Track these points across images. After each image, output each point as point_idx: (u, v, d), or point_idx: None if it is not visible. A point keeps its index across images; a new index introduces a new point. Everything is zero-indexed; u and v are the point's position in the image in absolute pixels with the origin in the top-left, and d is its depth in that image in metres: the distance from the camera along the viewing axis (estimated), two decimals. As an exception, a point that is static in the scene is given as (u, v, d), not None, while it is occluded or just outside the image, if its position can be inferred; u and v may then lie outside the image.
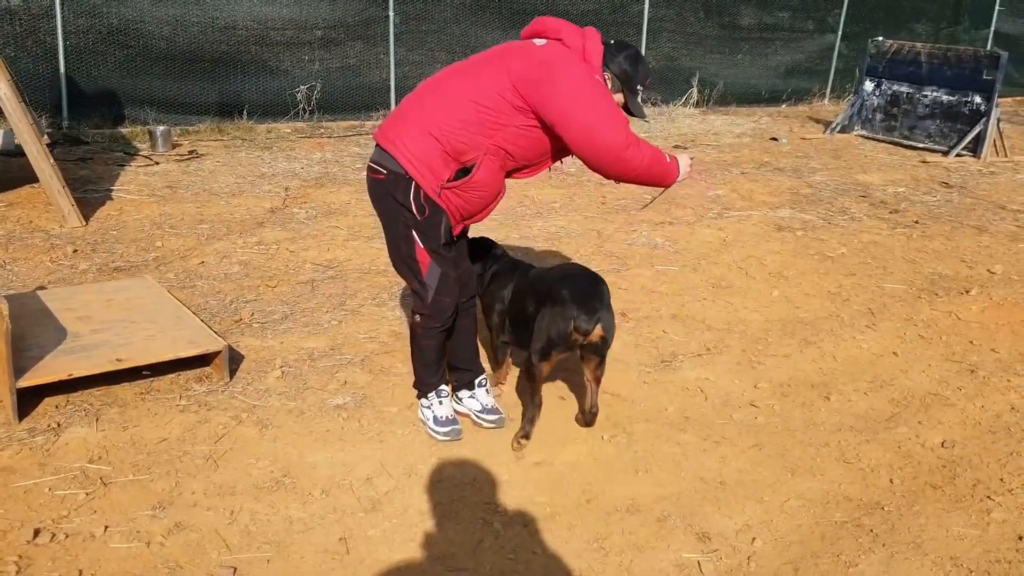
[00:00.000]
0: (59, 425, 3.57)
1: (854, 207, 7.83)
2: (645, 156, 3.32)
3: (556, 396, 4.04)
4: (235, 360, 4.21)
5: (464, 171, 3.34)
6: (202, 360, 4.09)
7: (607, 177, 3.41)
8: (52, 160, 6.03)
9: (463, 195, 3.38)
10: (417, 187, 3.33)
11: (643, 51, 12.18)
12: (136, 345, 3.95)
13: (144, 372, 3.99)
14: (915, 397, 4.29)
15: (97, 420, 3.63)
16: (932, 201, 8.21)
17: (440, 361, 3.77)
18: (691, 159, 3.57)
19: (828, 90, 14.04)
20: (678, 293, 5.49)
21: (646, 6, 12.03)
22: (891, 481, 3.54)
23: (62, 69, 8.78)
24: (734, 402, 4.15)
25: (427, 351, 3.70)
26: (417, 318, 3.60)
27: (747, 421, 3.98)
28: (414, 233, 3.42)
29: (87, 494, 3.15)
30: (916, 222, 7.41)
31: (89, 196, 6.80)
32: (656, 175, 3.41)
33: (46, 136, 6.29)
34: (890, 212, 7.71)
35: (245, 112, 9.73)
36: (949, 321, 5.24)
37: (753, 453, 3.70)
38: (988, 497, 3.44)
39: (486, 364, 4.08)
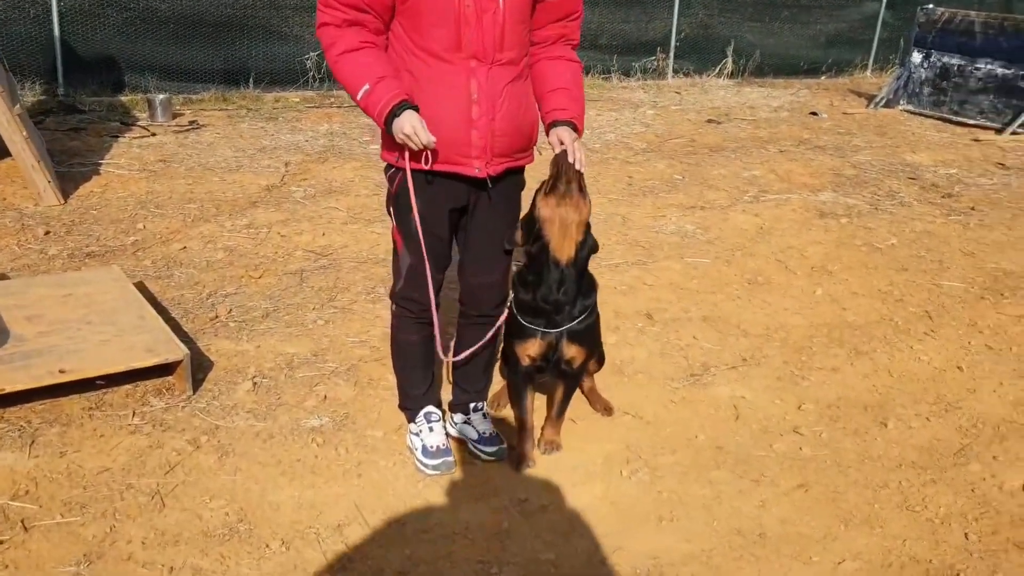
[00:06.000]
0: (-13, 449, 3.07)
1: (903, 190, 7.16)
2: (339, 66, 2.75)
3: (567, 422, 3.46)
4: (202, 368, 3.69)
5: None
6: (164, 368, 3.57)
7: None
8: (25, 132, 5.50)
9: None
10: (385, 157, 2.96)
11: (675, 18, 11.54)
12: (86, 352, 3.44)
13: (98, 381, 3.49)
14: (987, 424, 3.68)
15: (32, 443, 3.12)
16: (988, 184, 7.52)
17: (425, 370, 3.25)
18: (409, 130, 2.66)
19: (871, 61, 13.30)
20: (710, 291, 4.90)
21: (679, -30, 11.34)
22: (966, 536, 2.96)
23: (56, 32, 8.23)
24: (775, 428, 3.58)
25: (405, 349, 3.22)
26: (392, 307, 3.17)
27: (790, 453, 3.40)
28: (391, 208, 3.02)
29: (1, 542, 2.64)
30: (972, 208, 6.74)
31: (75, 170, 6.30)
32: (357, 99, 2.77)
33: (18, 106, 5.74)
34: (943, 196, 7.04)
35: (252, 80, 9.18)
36: (1020, 327, 4.61)
37: (798, 496, 3.13)
38: (1084, 559, 2.86)
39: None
